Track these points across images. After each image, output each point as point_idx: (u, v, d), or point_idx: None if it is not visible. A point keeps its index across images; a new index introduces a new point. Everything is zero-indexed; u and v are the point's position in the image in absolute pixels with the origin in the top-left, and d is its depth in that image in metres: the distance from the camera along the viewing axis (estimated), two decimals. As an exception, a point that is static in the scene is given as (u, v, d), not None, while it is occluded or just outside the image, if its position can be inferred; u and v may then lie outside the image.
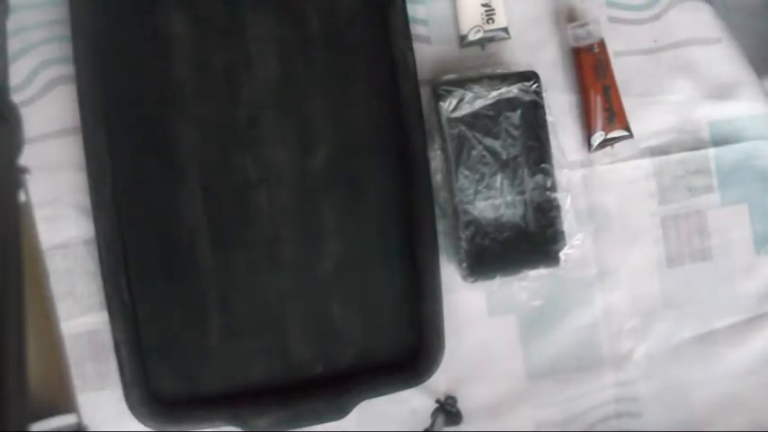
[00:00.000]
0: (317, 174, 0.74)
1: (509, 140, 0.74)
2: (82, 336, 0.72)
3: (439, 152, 0.73)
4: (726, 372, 0.82)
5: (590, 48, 0.77)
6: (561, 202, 0.74)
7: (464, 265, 0.73)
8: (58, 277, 0.71)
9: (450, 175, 0.73)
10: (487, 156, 0.73)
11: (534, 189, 0.74)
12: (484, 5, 0.76)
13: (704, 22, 0.81)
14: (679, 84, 0.80)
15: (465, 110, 0.72)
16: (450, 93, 0.72)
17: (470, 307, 0.77)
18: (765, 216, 0.82)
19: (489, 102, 0.73)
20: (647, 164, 0.80)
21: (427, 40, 0.76)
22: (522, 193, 0.74)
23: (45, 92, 0.71)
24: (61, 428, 0.39)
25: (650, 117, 0.80)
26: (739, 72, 0.81)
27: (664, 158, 0.80)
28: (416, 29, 0.75)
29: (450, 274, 0.75)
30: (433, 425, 0.74)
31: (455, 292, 0.76)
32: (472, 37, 0.76)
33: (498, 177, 0.74)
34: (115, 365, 0.70)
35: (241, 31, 0.73)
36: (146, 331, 0.71)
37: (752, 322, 0.82)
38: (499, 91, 0.73)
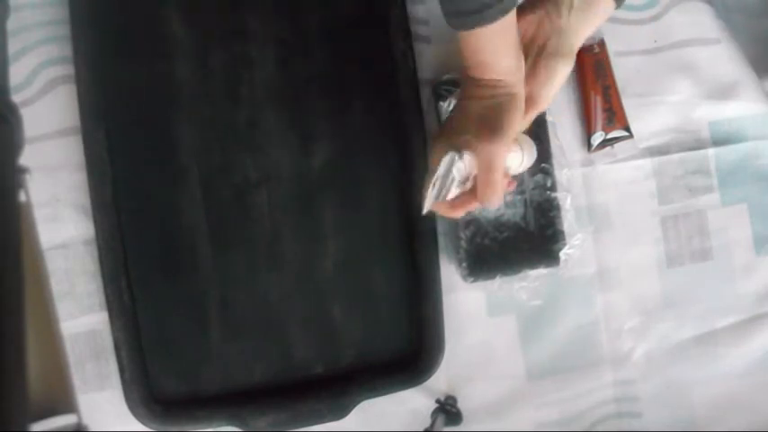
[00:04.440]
0: (316, 174, 0.74)
1: (509, 140, 0.74)
2: (82, 336, 0.72)
3: (439, 152, 0.73)
4: (726, 372, 0.82)
5: (590, 48, 0.77)
6: (561, 202, 0.74)
7: (464, 265, 0.73)
8: (58, 277, 0.71)
9: (450, 175, 0.72)
10: (487, 156, 0.73)
11: (534, 189, 0.74)
12: None
13: (704, 22, 0.81)
14: (679, 84, 0.80)
15: (465, 110, 0.72)
16: (450, 93, 0.73)
17: (470, 307, 0.77)
18: (765, 216, 0.82)
19: (489, 102, 0.73)
20: (647, 164, 0.80)
21: (427, 40, 0.76)
22: (522, 192, 0.74)
23: (45, 92, 0.71)
24: (61, 428, 0.39)
25: (650, 117, 0.80)
26: (739, 72, 0.81)
27: (664, 158, 0.80)
28: (416, 29, 0.75)
29: (450, 274, 0.75)
30: (433, 425, 0.74)
31: (455, 292, 0.76)
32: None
33: (498, 177, 0.74)
34: (115, 365, 0.70)
35: (241, 31, 0.73)
36: (146, 331, 0.71)
37: (752, 322, 0.82)
38: (499, 91, 0.73)
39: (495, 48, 0.58)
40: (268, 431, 0.71)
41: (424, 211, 0.61)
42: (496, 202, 0.61)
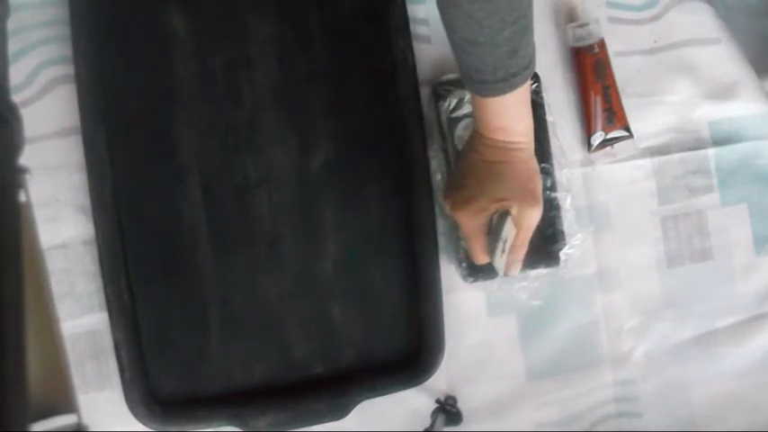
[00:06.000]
0: (316, 174, 0.74)
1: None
2: (82, 336, 0.72)
3: (439, 152, 0.73)
4: (726, 372, 0.82)
5: (590, 48, 0.77)
6: (561, 202, 0.74)
7: (464, 265, 0.73)
8: (58, 277, 0.71)
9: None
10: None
11: (534, 189, 0.74)
12: None
13: (704, 22, 0.81)
14: (679, 84, 0.80)
15: (465, 110, 0.72)
16: (450, 93, 0.72)
17: (470, 307, 0.77)
18: (765, 216, 0.82)
19: (489, 102, 0.73)
20: (647, 164, 0.80)
21: (427, 40, 0.76)
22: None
23: (45, 92, 0.71)
24: (61, 428, 0.39)
25: (650, 117, 0.80)
26: (739, 72, 0.81)
27: (664, 158, 0.80)
28: (416, 29, 0.75)
29: (450, 275, 0.75)
30: (433, 425, 0.74)
31: (455, 292, 0.76)
32: None
33: (498, 177, 0.73)
34: (115, 365, 0.70)
35: (241, 31, 0.73)
36: (146, 331, 0.71)
37: (752, 322, 0.82)
38: (499, 91, 0.72)
39: (515, 111, 0.60)
40: (268, 431, 0.71)
41: (509, 272, 0.66)
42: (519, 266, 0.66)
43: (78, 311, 0.71)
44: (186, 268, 0.72)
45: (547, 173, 0.73)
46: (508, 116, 0.60)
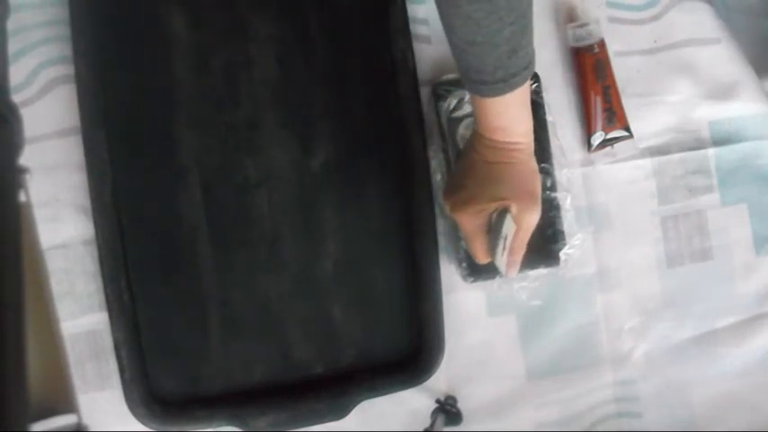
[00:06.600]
0: (316, 174, 0.74)
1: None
2: (82, 336, 0.72)
3: (439, 152, 0.73)
4: (726, 372, 0.82)
5: (590, 48, 0.77)
6: (561, 202, 0.74)
7: (464, 265, 0.73)
8: (58, 277, 0.71)
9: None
10: (487, 156, 0.73)
11: (534, 189, 0.74)
12: None
13: (704, 22, 0.81)
14: (679, 84, 0.80)
15: (465, 110, 0.72)
16: (450, 93, 0.73)
17: (470, 307, 0.77)
18: (765, 216, 0.82)
19: (489, 102, 0.73)
20: (647, 164, 0.80)
21: (427, 40, 0.76)
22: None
23: (45, 92, 0.71)
24: (61, 428, 0.39)
25: (650, 117, 0.80)
26: (739, 72, 0.81)
27: (664, 158, 0.80)
28: (416, 29, 0.75)
29: (450, 275, 0.75)
30: (433, 425, 0.74)
31: (455, 292, 0.76)
32: None
33: (498, 177, 0.73)
34: (115, 365, 0.70)
35: (241, 31, 0.73)
36: (146, 331, 0.71)
37: (752, 322, 0.82)
38: (499, 91, 0.72)
39: (515, 112, 0.60)
40: (268, 431, 0.71)
41: (508, 274, 0.66)
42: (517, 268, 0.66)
43: (78, 311, 0.71)
44: (186, 268, 0.72)
45: (547, 173, 0.73)
46: (508, 116, 0.60)
